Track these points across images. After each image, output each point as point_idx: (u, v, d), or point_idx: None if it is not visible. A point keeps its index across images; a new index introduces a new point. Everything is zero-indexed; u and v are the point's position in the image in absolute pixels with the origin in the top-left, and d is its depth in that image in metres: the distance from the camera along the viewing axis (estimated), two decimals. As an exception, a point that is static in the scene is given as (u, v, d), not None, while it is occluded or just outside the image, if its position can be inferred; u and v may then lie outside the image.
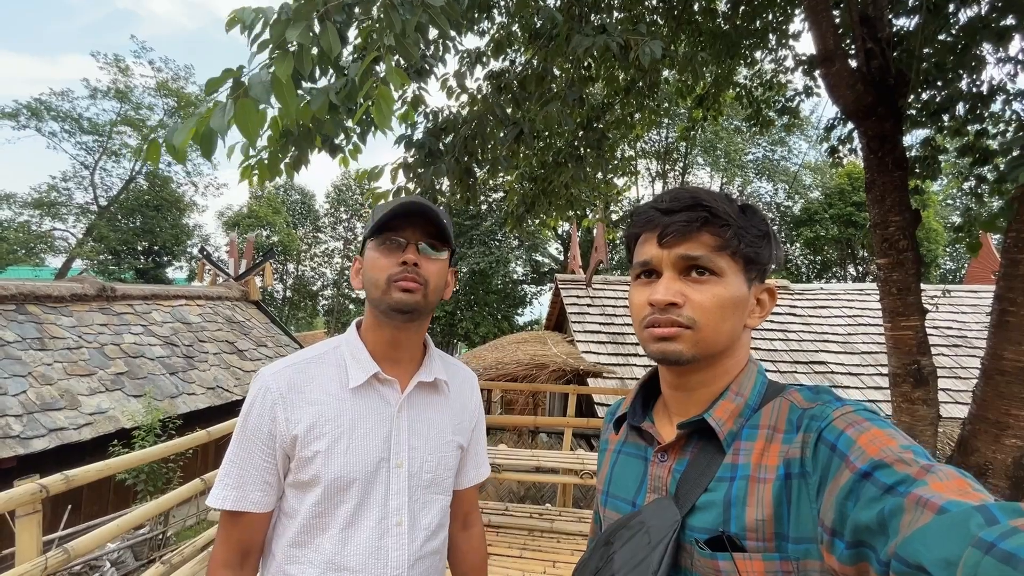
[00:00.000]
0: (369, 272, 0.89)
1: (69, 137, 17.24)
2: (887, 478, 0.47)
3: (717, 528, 0.60)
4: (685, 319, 0.64)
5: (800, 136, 20.45)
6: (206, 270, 11.02)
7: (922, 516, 0.42)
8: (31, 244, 17.22)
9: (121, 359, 6.60)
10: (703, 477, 0.64)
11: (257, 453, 0.86)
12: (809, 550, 0.56)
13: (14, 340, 5.78)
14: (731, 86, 4.11)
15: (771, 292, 0.71)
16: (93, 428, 5.38)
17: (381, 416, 0.90)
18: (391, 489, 0.88)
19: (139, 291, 8.25)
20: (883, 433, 0.53)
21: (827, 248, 20.05)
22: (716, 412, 0.66)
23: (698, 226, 0.65)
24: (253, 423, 0.87)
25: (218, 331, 8.63)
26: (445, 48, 2.11)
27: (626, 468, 0.75)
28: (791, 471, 0.58)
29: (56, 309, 6.74)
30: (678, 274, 0.66)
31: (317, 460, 0.84)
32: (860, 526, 0.47)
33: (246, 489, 0.86)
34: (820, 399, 0.63)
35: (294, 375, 0.89)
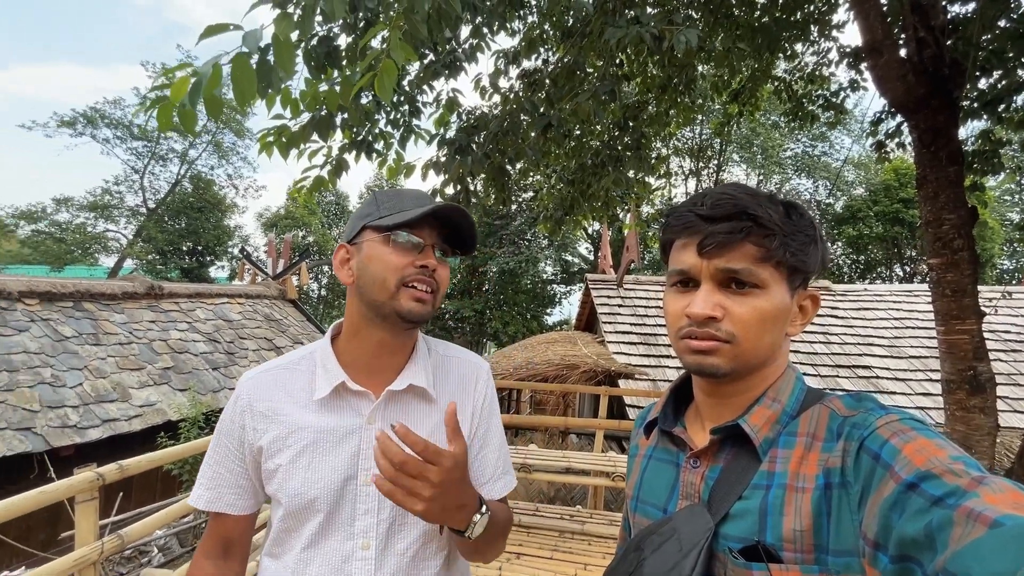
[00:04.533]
0: (374, 269, 0.80)
1: (121, 143, 18.17)
2: (935, 489, 0.45)
3: (752, 537, 0.58)
4: (724, 333, 0.62)
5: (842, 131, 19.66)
6: (246, 270, 11.43)
7: (974, 530, 0.40)
8: (87, 245, 18.24)
9: (168, 354, 6.91)
10: (737, 484, 0.62)
11: (230, 458, 0.84)
12: (850, 563, 0.53)
13: (72, 335, 6.13)
14: (769, 80, 3.98)
15: (814, 299, 0.68)
16: (142, 420, 5.65)
17: (348, 429, 0.82)
18: (357, 509, 0.80)
19: (184, 289, 8.62)
20: (931, 443, 0.50)
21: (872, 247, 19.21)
22: (752, 418, 0.64)
23: (741, 237, 0.61)
24: (226, 428, 0.84)
25: (257, 328, 8.93)
26: (478, 47, 2.13)
27: (657, 474, 0.74)
28: (831, 481, 0.56)
29: (109, 306, 7.11)
30: (717, 286, 0.63)
31: (278, 475, 0.80)
32: (906, 539, 0.45)
33: (220, 491, 0.84)
34: (862, 407, 0.60)
35: (266, 382, 0.84)
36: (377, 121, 2.19)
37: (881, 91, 2.51)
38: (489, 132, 1.97)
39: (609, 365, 5.73)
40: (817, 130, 18.76)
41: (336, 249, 0.87)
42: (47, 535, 4.68)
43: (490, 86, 2.10)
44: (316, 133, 1.79)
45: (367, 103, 1.92)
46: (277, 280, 10.64)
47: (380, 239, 0.80)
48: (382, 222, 0.80)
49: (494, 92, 2.17)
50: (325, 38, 1.29)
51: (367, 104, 1.91)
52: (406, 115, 2.17)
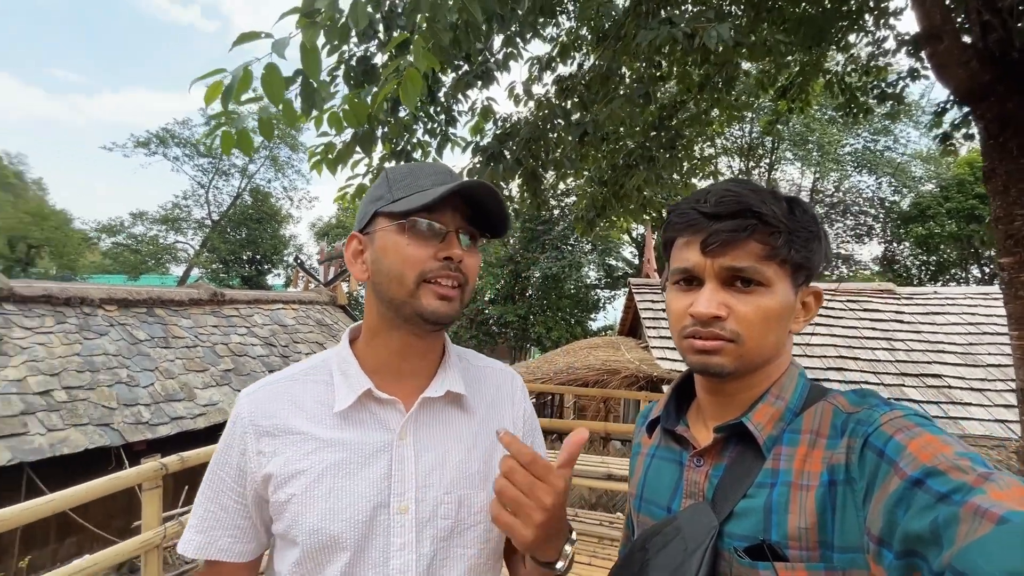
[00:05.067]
0: (391, 263, 0.67)
1: (189, 160, 19.56)
2: (941, 486, 0.45)
3: (757, 536, 0.58)
4: (729, 332, 0.61)
5: (907, 123, 18.40)
6: (300, 277, 11.99)
7: (980, 526, 0.40)
8: (159, 255, 19.71)
9: (229, 357, 7.34)
10: (742, 483, 0.61)
11: (226, 493, 0.69)
12: (855, 559, 0.53)
13: (145, 339, 6.63)
14: (820, 74, 3.80)
15: (817, 295, 0.68)
16: (206, 418, 6.02)
17: (376, 446, 0.68)
18: (392, 544, 0.66)
19: (244, 296, 9.15)
20: (936, 439, 0.50)
21: (944, 247, 17.84)
22: (755, 416, 0.63)
23: (746, 235, 0.60)
24: (221, 456, 0.70)
25: (310, 333, 9.34)
26: (511, 55, 2.17)
27: (660, 473, 0.73)
28: (836, 478, 0.56)
29: (177, 312, 7.64)
30: (721, 284, 0.62)
31: (291, 507, 0.65)
32: (911, 535, 0.45)
33: (214, 534, 0.69)
34: (866, 403, 0.60)
35: (270, 397, 0.70)
36: (415, 131, 2.27)
37: (942, 80, 2.36)
38: (520, 138, 2.00)
39: (652, 370, 5.61)
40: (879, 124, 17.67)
41: (347, 240, 0.74)
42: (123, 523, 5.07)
43: (524, 93, 2.13)
44: (360, 148, 1.88)
45: (406, 117, 2.00)
46: (328, 287, 11.11)
47: (395, 228, 0.67)
48: (395, 207, 0.67)
49: (528, 99, 2.20)
50: (363, 58, 1.36)
51: (405, 118, 1.99)
52: (442, 124, 2.24)
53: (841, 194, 19.60)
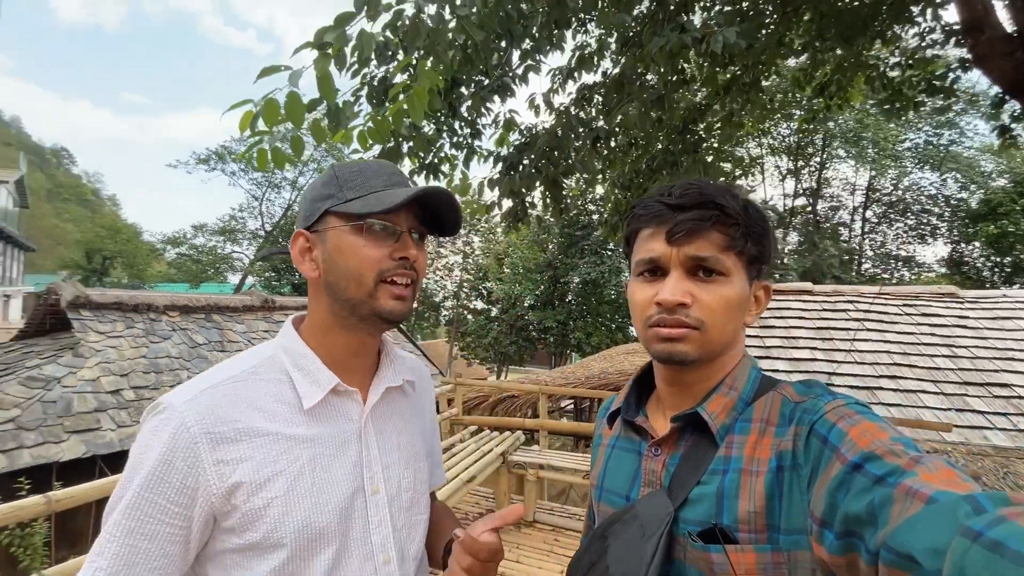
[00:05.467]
0: (348, 263, 0.68)
1: (244, 175, 20.75)
2: (877, 469, 0.48)
3: (710, 520, 0.61)
4: (693, 320, 0.64)
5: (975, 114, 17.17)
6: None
7: (912, 506, 0.42)
8: (217, 264, 20.97)
9: (278, 360, 7.74)
10: (696, 470, 0.64)
11: (159, 518, 0.61)
12: (800, 541, 0.56)
13: (203, 343, 7.09)
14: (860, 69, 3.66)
15: (767, 289, 0.72)
16: (257, 418, 6.39)
17: (344, 437, 0.71)
18: (371, 522, 0.70)
19: (292, 302, 9.60)
20: (874, 426, 0.53)
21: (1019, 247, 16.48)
22: (709, 406, 0.66)
23: (709, 224, 0.63)
24: (156, 474, 0.60)
25: (353, 338, 9.70)
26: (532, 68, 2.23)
27: (620, 463, 0.75)
28: (783, 463, 0.59)
29: (232, 318, 8.12)
30: (686, 273, 0.65)
31: (273, 510, 0.63)
32: (850, 516, 0.47)
33: (133, 571, 0.60)
34: (812, 392, 0.63)
35: (220, 400, 0.65)
36: (442, 145, 2.37)
37: (985, 72, 2.26)
38: (538, 147, 2.05)
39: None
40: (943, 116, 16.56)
41: (293, 237, 0.73)
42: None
43: (544, 104, 2.19)
44: (387, 162, 1.99)
45: (430, 132, 2.11)
46: (371, 293, 11.49)
47: (350, 228, 0.69)
48: (350, 207, 0.68)
49: (549, 109, 2.26)
50: (383, 78, 1.46)
51: (430, 134, 2.10)
52: (467, 137, 2.33)
53: (900, 192, 18.46)
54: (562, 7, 1.75)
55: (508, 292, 18.42)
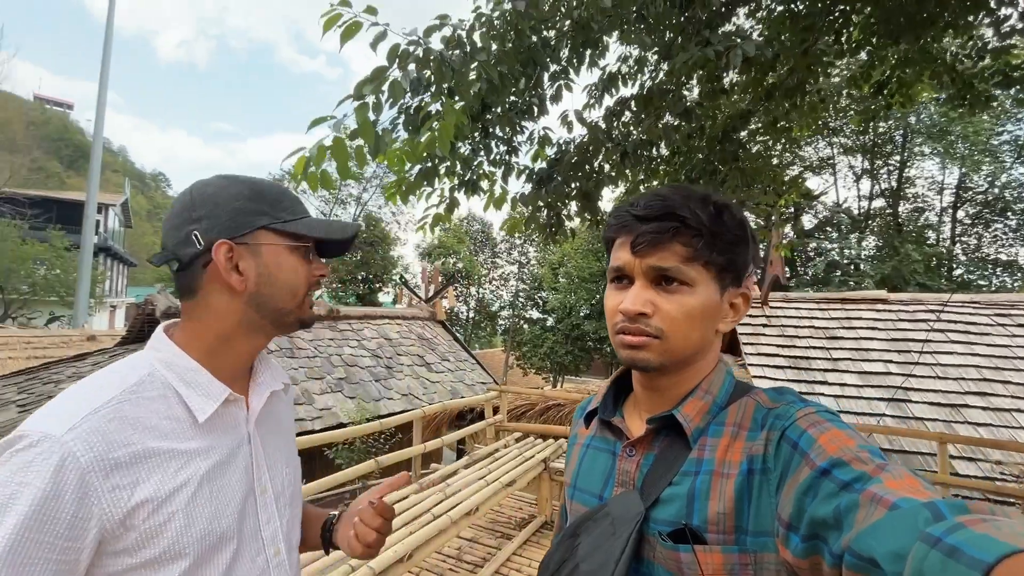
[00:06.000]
0: (287, 278, 0.75)
1: (314, 192, 22.19)
2: (844, 475, 0.49)
3: (680, 521, 0.62)
4: (653, 329, 0.65)
5: (1088, 101, 15.18)
6: (404, 294, 12.99)
7: (875, 512, 0.44)
8: (290, 277, 22.53)
9: (341, 367, 8.19)
10: (669, 471, 0.65)
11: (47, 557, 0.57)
12: (766, 543, 0.57)
13: (275, 349, 7.65)
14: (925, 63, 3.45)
15: (745, 296, 0.72)
16: (322, 421, 6.78)
17: (235, 443, 0.75)
18: (261, 519, 0.76)
19: (356, 312, 10.15)
20: (842, 433, 0.55)
21: None
22: (685, 409, 0.68)
23: (669, 236, 0.65)
24: (41, 513, 0.56)
25: (411, 346, 10.07)
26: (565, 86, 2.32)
27: (594, 462, 0.76)
28: (753, 467, 0.60)
29: (301, 326, 8.72)
30: (649, 283, 0.66)
31: (174, 523, 0.65)
32: (816, 520, 0.49)
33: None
34: (784, 399, 0.65)
35: (106, 424, 0.63)
36: (480, 163, 2.51)
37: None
38: (566, 161, 2.12)
39: (745, 389, 5.27)
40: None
41: (215, 246, 0.71)
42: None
43: (577, 120, 2.27)
44: (425, 181, 2.15)
45: (466, 152, 2.25)
46: (428, 303, 11.91)
47: (286, 248, 0.75)
48: (287, 227, 0.75)
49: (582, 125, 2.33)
50: (417, 108, 1.62)
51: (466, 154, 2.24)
52: (504, 154, 2.45)
53: (997, 190, 16.67)
54: (586, 31, 1.84)
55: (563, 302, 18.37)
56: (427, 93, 1.64)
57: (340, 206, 23.04)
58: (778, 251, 5.65)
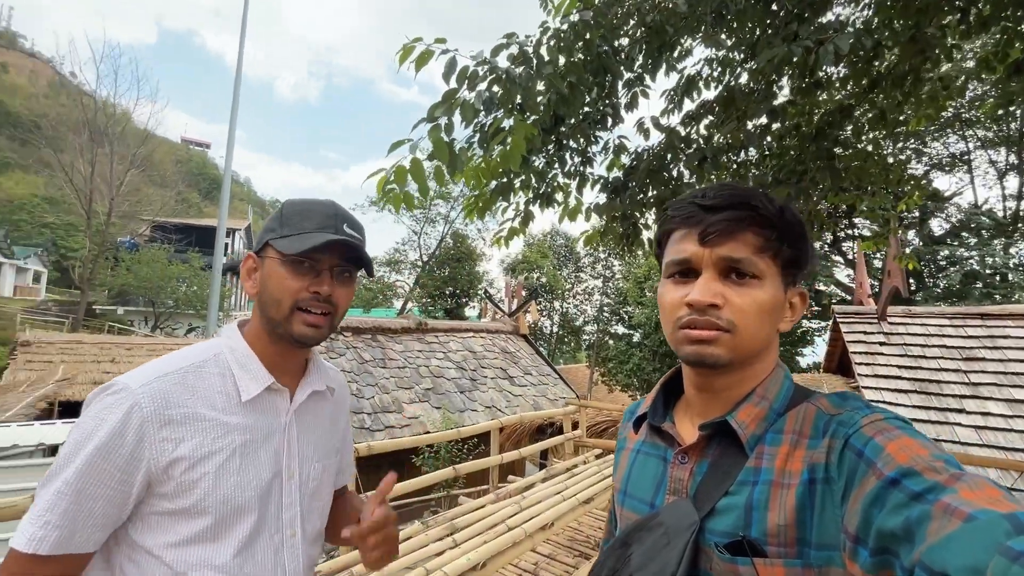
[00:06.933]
0: (272, 289, 0.81)
1: (406, 212, 23.56)
2: (916, 485, 0.46)
3: (737, 532, 0.59)
4: (724, 322, 0.62)
5: None
6: (488, 308, 13.30)
7: (949, 524, 0.41)
8: (384, 292, 23.96)
9: (428, 378, 8.53)
10: (724, 480, 0.63)
11: (107, 482, 0.71)
12: (832, 557, 0.54)
13: (369, 360, 8.17)
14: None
15: (803, 296, 0.69)
16: (410, 429, 7.09)
17: (272, 428, 0.84)
18: (284, 502, 0.84)
19: (443, 325, 10.57)
20: (914, 442, 0.51)
21: None
22: (739, 415, 0.65)
23: (743, 226, 0.63)
24: (108, 444, 0.71)
25: (495, 359, 10.25)
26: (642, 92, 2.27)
27: (644, 468, 0.74)
28: (815, 476, 0.57)
29: (392, 338, 9.23)
30: (718, 275, 0.64)
31: (204, 483, 0.75)
32: (885, 533, 0.46)
33: (76, 526, 0.70)
34: (848, 405, 0.61)
35: (171, 387, 0.76)
36: (555, 176, 2.52)
37: None
38: (641, 169, 2.05)
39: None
40: None
41: (244, 258, 0.86)
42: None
43: (654, 127, 2.20)
44: (501, 196, 2.21)
45: (540, 166, 2.28)
46: (511, 317, 12.08)
47: (279, 259, 0.80)
48: (281, 244, 0.80)
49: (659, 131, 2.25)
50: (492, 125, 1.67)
51: (540, 167, 2.26)
52: (579, 165, 2.44)
53: None
54: (661, 35, 1.78)
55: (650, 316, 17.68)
56: (499, 111, 1.69)
57: (430, 224, 24.28)
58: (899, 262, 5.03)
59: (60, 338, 10.12)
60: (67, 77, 42.71)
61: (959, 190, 16.86)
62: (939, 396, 5.39)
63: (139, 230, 26.21)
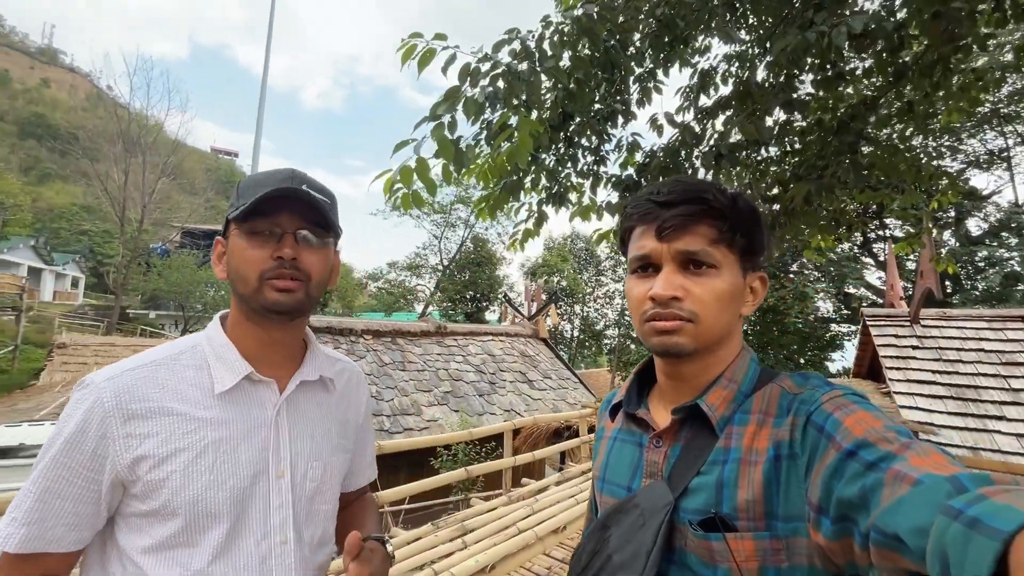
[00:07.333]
0: (236, 264, 0.75)
1: (427, 217, 23.76)
2: (870, 455, 0.49)
3: (709, 509, 0.62)
4: (687, 313, 0.66)
5: None
6: (508, 312, 13.28)
7: (900, 488, 0.44)
8: (405, 296, 24.18)
9: (447, 381, 8.56)
10: (696, 461, 0.66)
11: (72, 480, 0.68)
12: (797, 528, 0.57)
13: (389, 363, 8.24)
14: None
15: (763, 279, 0.73)
16: (429, 431, 7.12)
17: (256, 423, 0.77)
18: (272, 504, 0.76)
19: (462, 329, 10.60)
20: (869, 415, 0.54)
21: None
22: (709, 398, 0.68)
23: (695, 219, 0.66)
24: (72, 441, 0.69)
25: (514, 363, 10.22)
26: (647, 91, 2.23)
27: (622, 454, 0.77)
28: (781, 453, 0.60)
29: (412, 341, 9.29)
30: (677, 267, 0.67)
31: (171, 482, 0.69)
32: (844, 501, 0.49)
33: (45, 525, 0.68)
34: (809, 384, 0.64)
35: (136, 381, 0.72)
36: (568, 174, 2.49)
37: None
38: (653, 167, 2.01)
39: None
40: None
41: (214, 244, 0.81)
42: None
43: (668, 123, 2.15)
44: (511, 195, 2.19)
45: (551, 164, 2.25)
46: (531, 321, 12.03)
47: (238, 232, 0.75)
48: (236, 214, 0.74)
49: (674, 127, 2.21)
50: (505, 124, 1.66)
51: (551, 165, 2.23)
52: (591, 164, 2.41)
53: None
54: (671, 28, 1.74)
55: (672, 320, 17.41)
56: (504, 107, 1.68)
57: (450, 229, 24.44)
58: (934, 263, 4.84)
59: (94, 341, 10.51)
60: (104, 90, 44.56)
61: (998, 188, 16.19)
62: (977, 403, 5.15)
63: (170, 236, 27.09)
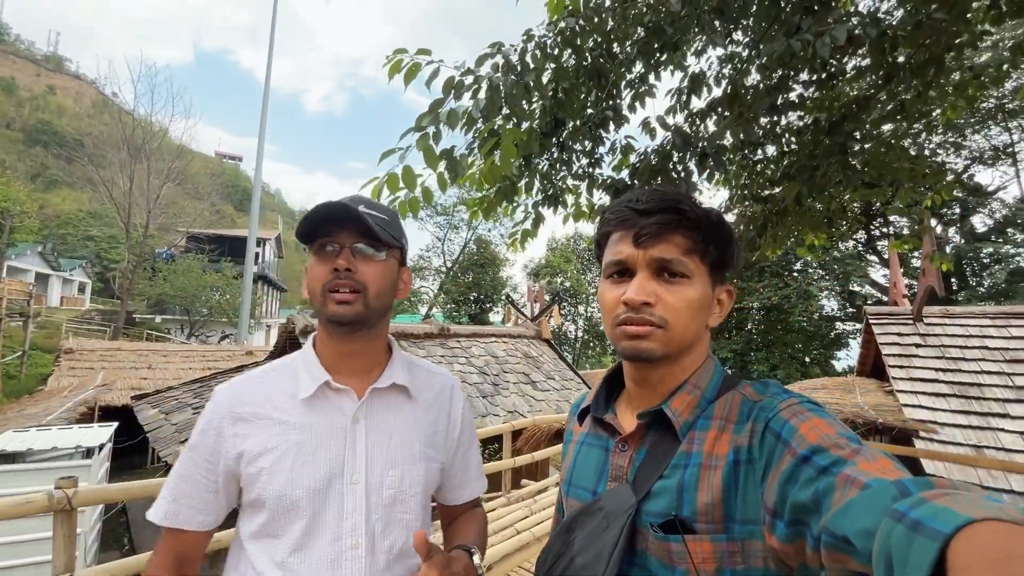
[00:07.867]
0: (309, 282, 0.84)
1: (430, 220, 23.86)
2: (823, 460, 0.51)
3: (670, 512, 0.63)
4: (657, 319, 0.67)
5: None
6: (511, 313, 13.31)
7: (849, 492, 0.45)
8: (410, 298, 24.27)
9: (450, 383, 8.60)
10: (659, 465, 0.67)
11: (198, 469, 0.82)
12: (753, 531, 0.59)
13: (391, 365, 8.29)
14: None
15: (730, 293, 0.74)
16: (431, 433, 7.15)
17: (334, 428, 0.83)
18: (346, 508, 0.80)
19: (465, 330, 10.62)
20: (823, 422, 0.56)
21: None
22: (673, 403, 0.69)
23: (672, 228, 0.68)
24: (198, 438, 0.83)
25: (517, 364, 10.24)
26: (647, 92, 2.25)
27: (588, 458, 0.78)
28: (740, 458, 0.62)
29: (415, 343, 9.32)
30: (651, 274, 0.68)
31: (261, 478, 0.79)
32: (798, 505, 0.51)
33: (179, 504, 0.82)
34: (768, 391, 0.66)
35: (243, 389, 0.85)
36: (564, 177, 2.51)
37: None
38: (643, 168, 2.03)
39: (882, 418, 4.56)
40: None
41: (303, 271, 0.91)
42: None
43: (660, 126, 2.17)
44: (504, 198, 2.22)
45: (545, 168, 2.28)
46: (534, 322, 12.05)
47: (310, 254, 0.85)
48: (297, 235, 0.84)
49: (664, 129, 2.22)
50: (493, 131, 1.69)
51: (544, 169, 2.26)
52: (586, 167, 2.43)
53: None
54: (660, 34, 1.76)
55: (675, 320, 17.36)
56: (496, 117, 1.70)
57: (453, 231, 24.53)
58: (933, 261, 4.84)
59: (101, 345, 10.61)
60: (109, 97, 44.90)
61: (1003, 184, 16.07)
62: (980, 400, 5.12)
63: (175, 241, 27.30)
